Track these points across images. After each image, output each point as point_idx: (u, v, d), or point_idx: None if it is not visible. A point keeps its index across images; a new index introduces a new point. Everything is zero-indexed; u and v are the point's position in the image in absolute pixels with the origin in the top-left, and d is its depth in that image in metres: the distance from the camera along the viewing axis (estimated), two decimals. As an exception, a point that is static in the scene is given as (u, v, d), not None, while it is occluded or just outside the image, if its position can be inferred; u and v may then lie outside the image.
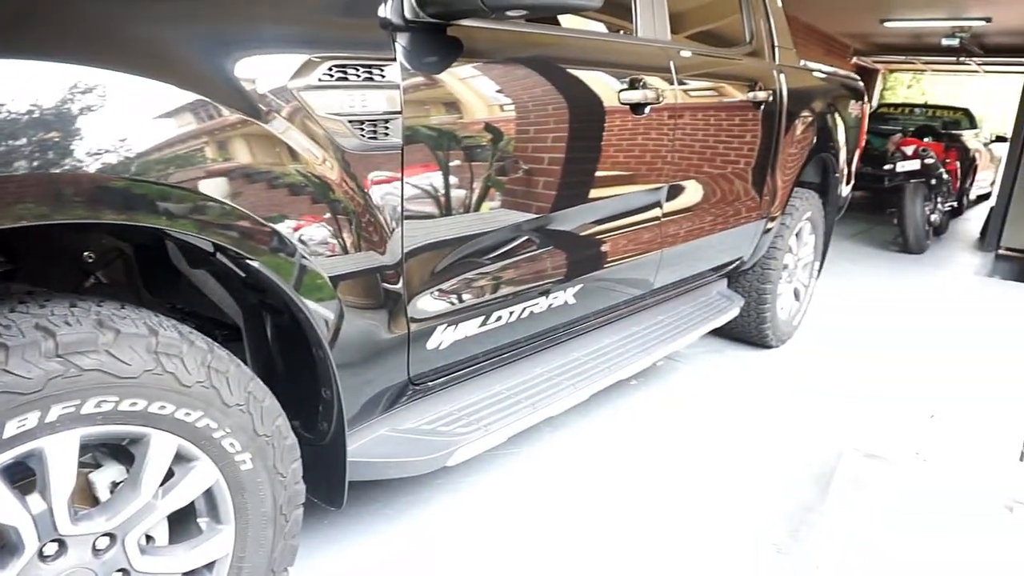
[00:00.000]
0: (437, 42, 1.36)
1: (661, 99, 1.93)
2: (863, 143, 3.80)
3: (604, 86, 1.78)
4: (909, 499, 1.23)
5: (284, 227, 1.12)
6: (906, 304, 4.34)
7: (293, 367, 1.35)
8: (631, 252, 2.05)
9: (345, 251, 1.22)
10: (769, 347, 3.25)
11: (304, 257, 1.16)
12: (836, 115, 3.24)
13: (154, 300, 1.42)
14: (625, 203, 1.95)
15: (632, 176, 1.95)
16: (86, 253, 1.30)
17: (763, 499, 2.01)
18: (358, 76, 1.20)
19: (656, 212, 2.10)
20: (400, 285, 1.35)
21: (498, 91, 1.50)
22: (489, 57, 1.48)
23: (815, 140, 3.02)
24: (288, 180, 1.11)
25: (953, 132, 8.20)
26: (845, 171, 3.52)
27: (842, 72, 3.56)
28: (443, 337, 1.50)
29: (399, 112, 1.27)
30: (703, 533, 1.84)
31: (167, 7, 1.00)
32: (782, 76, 2.71)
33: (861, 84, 3.69)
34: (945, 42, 9.56)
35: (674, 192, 2.15)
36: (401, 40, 1.28)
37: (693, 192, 2.27)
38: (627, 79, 1.84)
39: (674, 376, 2.84)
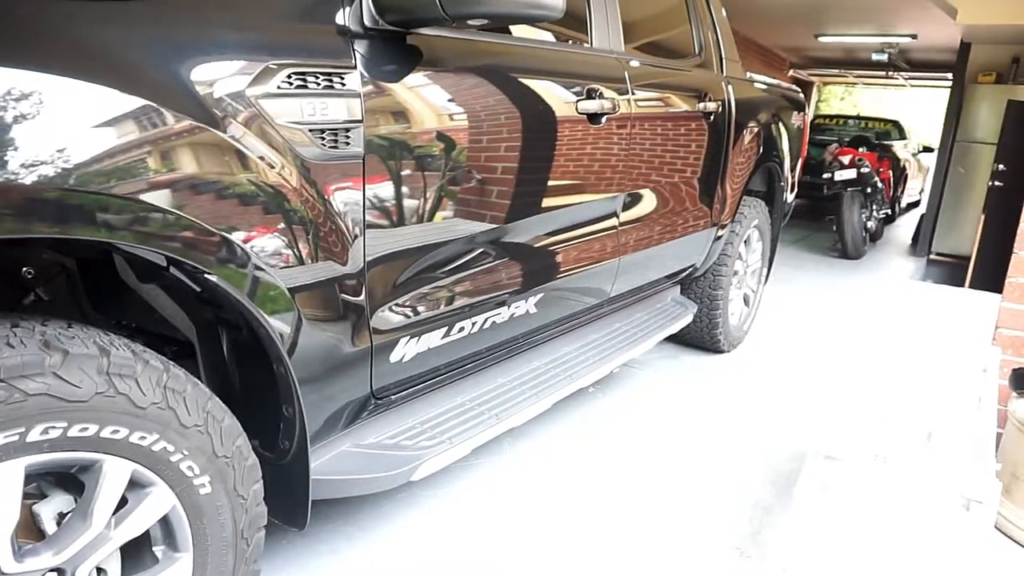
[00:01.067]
0: (397, 50, 1.34)
1: (617, 109, 1.95)
2: (805, 153, 3.93)
3: (562, 96, 1.79)
4: (871, 500, 1.26)
5: (244, 239, 1.08)
6: (848, 308, 4.50)
7: (252, 384, 1.30)
8: (589, 261, 2.06)
9: (306, 262, 1.19)
10: (721, 352, 3.32)
11: (262, 269, 1.12)
12: (780, 125, 3.35)
13: (99, 317, 1.35)
14: (584, 212, 1.96)
15: (591, 185, 1.96)
16: (25, 269, 1.22)
17: (723, 502, 2.03)
18: (318, 84, 1.17)
19: (613, 221, 2.12)
20: (362, 297, 1.32)
21: (459, 101, 1.48)
22: (449, 66, 1.47)
23: (761, 150, 3.11)
24: (245, 190, 1.08)
25: (885, 143, 8.57)
26: (789, 179, 3.63)
27: (784, 84, 3.68)
28: (406, 349, 1.48)
29: (360, 121, 1.24)
30: (665, 538, 1.85)
31: (114, 8, 0.95)
32: (730, 87, 2.78)
33: (802, 95, 3.82)
34: (875, 57, 9.99)
35: (630, 201, 2.17)
36: (360, 48, 1.26)
37: (648, 201, 2.30)
38: (584, 89, 1.85)
39: (631, 382, 2.87)
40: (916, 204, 10.42)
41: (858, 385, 3.11)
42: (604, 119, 1.91)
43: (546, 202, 1.79)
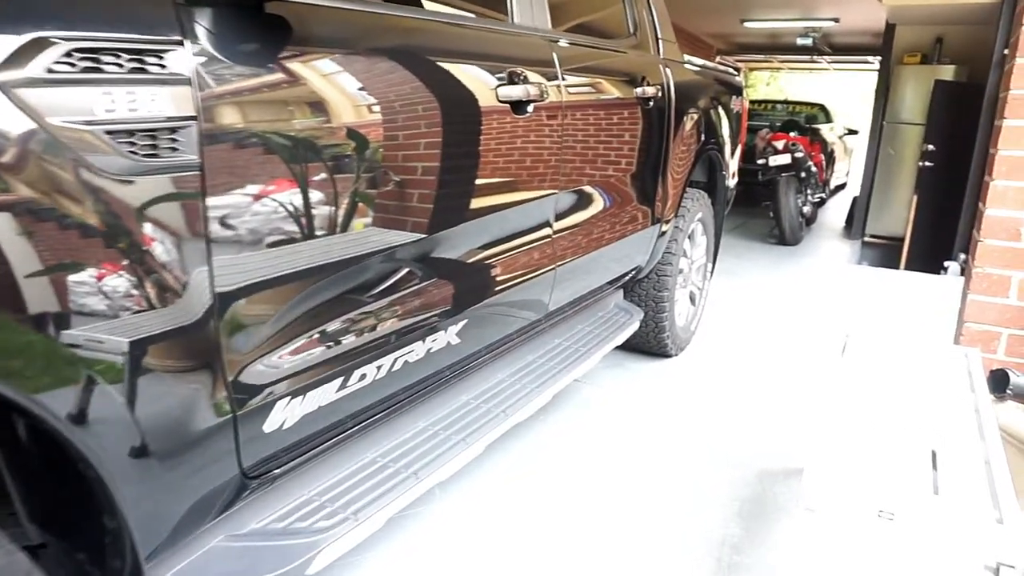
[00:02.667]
0: (250, 22, 1.01)
1: (545, 96, 1.66)
2: (744, 139, 3.75)
3: (478, 81, 1.48)
4: (872, 562, 1.02)
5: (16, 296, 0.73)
6: (795, 298, 4.36)
7: (58, 482, 0.95)
8: (521, 275, 1.76)
9: (103, 314, 0.84)
10: (669, 356, 3.09)
11: (41, 334, 0.77)
12: (720, 111, 3.13)
13: None
14: (511, 219, 1.66)
15: (517, 187, 1.66)
16: None
17: (685, 541, 1.78)
18: (120, 66, 0.83)
19: (547, 226, 1.83)
20: (213, 351, 0.98)
21: (341, 89, 1.16)
22: (327, 44, 1.14)
23: (703, 137, 2.88)
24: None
25: (814, 126, 8.60)
26: (731, 167, 3.43)
27: (721, 67, 3.47)
28: (286, 414, 1.14)
29: (193, 118, 0.90)
30: (624, 572, 1.58)
31: None
32: (668, 71, 2.53)
33: (740, 79, 3.62)
34: (800, 41, 10.07)
35: (565, 202, 1.88)
36: (193, 16, 0.92)
37: (586, 200, 2.02)
38: (505, 73, 1.55)
39: (574, 399, 2.59)
40: (843, 186, 10.58)
41: (810, 381, 2.93)
42: (530, 108, 1.61)
43: (462, 211, 1.48)
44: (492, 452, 2.12)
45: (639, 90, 2.25)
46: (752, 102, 10.70)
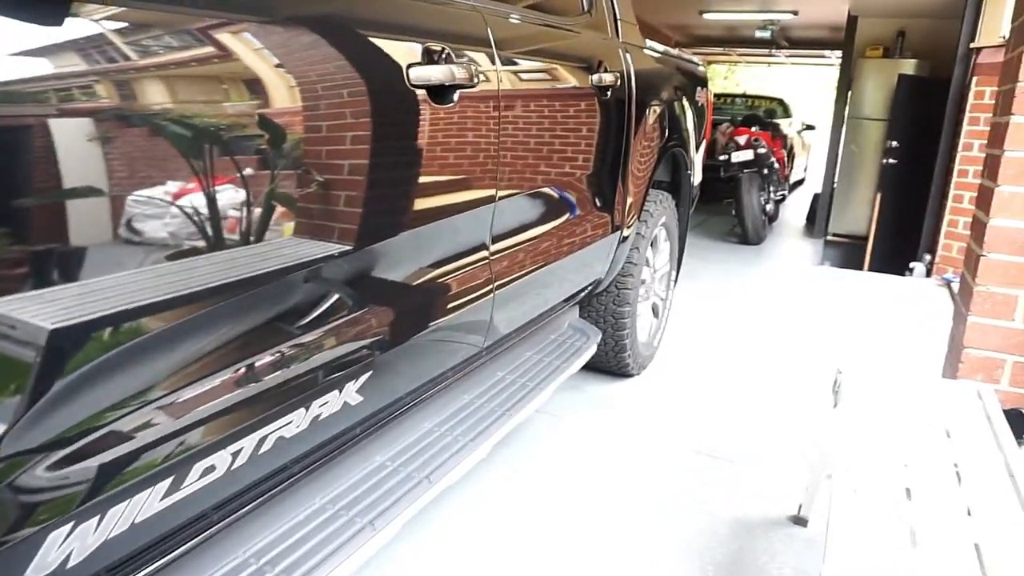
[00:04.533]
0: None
1: (476, 81, 1.31)
2: (709, 134, 3.46)
3: (377, 59, 1.12)
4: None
5: None
6: (757, 303, 4.11)
7: None
8: (449, 304, 1.41)
9: None
10: (630, 376, 2.78)
11: None
12: (685, 103, 2.82)
13: None
14: (430, 237, 1.30)
15: (437, 194, 1.31)
16: None
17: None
18: None
19: (481, 242, 1.48)
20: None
21: (184, 64, 0.79)
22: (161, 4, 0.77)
23: (667, 133, 2.57)
24: None
25: (774, 121, 8.44)
26: (696, 165, 3.13)
27: (685, 55, 3.16)
28: (73, 544, 0.77)
29: None
30: None
31: None
32: (628, 56, 2.20)
33: (703, 69, 3.32)
34: (758, 34, 9.91)
35: (507, 211, 1.54)
36: None
37: (533, 208, 1.68)
38: (419, 50, 1.19)
39: (528, 431, 2.25)
40: (802, 182, 10.49)
41: (782, 402, 2.66)
42: (456, 96, 1.26)
43: (355, 229, 1.12)
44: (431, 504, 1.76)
45: (595, 77, 1.91)
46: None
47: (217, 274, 0.89)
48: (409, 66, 1.15)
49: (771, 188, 6.34)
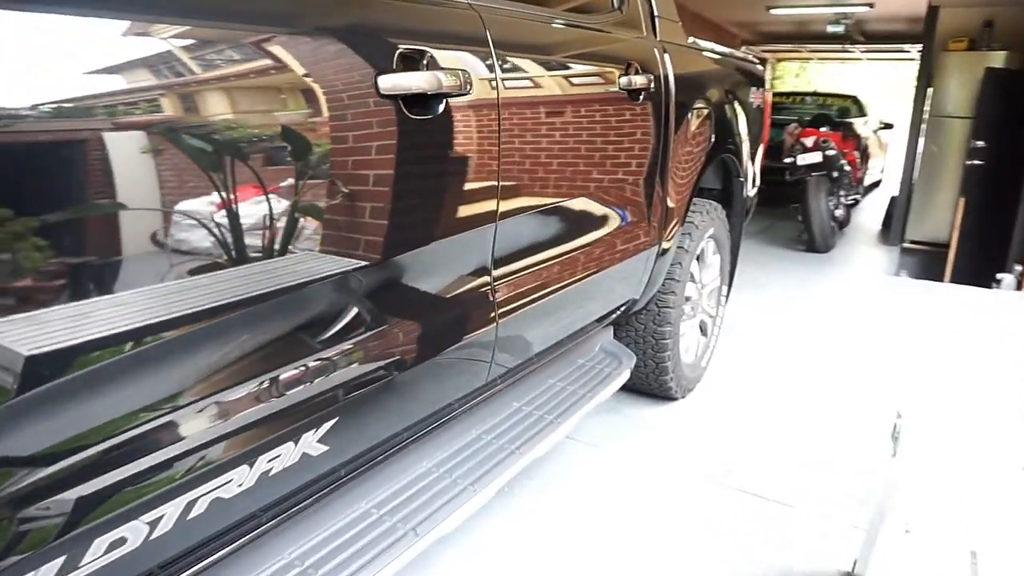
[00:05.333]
0: None
1: (468, 89, 1.16)
2: (767, 137, 3.21)
3: (346, 65, 0.99)
4: None
5: None
6: (822, 318, 3.81)
7: None
8: (442, 337, 1.27)
9: None
10: (673, 399, 2.58)
11: None
12: (736, 105, 2.61)
13: None
14: (410, 267, 1.17)
15: (425, 214, 1.17)
16: None
17: None
18: None
19: (480, 266, 1.34)
20: None
21: (134, 71, 0.68)
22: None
23: (714, 138, 2.36)
24: None
25: (846, 120, 7.95)
26: (750, 172, 2.90)
27: (738, 53, 2.93)
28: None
29: None
30: None
31: None
32: (667, 56, 2.02)
33: (761, 67, 3.08)
34: (830, 29, 9.40)
35: (513, 232, 1.39)
36: None
37: (546, 225, 1.53)
38: (394, 56, 1.06)
39: (558, 458, 2.10)
40: (878, 184, 9.88)
41: (848, 440, 2.40)
42: (441, 107, 1.12)
43: (325, 259, 0.99)
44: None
45: (624, 79, 1.74)
46: (779, 94, 10.06)
47: (213, 295, 0.78)
48: (379, 73, 1.01)
49: (841, 192, 5.94)
